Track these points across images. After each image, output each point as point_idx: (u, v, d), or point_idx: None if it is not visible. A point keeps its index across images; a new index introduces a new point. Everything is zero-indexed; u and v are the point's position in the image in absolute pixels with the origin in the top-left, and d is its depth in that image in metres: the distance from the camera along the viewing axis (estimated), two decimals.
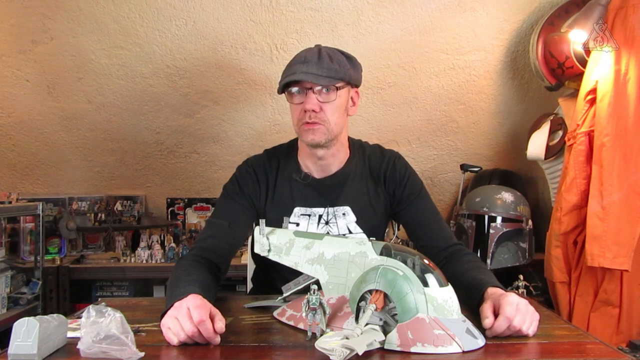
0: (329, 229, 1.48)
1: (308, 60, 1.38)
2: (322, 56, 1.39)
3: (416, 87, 2.53)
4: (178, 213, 2.95)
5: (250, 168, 1.54)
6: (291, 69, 1.40)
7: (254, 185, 1.51)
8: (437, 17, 2.29)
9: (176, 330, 1.03)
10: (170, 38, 2.29)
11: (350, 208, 1.49)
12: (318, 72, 1.37)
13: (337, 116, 1.43)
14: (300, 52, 1.43)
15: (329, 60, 1.39)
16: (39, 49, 2.29)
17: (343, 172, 1.51)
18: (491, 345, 1.01)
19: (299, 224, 1.49)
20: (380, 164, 1.55)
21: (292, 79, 1.37)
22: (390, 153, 1.58)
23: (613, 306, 1.99)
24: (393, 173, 1.53)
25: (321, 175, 1.52)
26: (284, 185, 1.52)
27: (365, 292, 1.02)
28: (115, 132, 2.64)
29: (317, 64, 1.37)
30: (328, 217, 1.49)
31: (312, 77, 1.36)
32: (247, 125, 2.65)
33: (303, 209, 1.50)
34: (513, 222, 2.36)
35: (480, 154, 2.82)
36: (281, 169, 1.53)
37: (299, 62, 1.39)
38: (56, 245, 2.74)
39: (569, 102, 2.29)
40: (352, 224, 1.50)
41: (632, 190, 1.89)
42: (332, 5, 2.22)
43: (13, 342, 0.92)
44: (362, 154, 1.56)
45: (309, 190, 1.51)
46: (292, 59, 1.44)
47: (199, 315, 1.01)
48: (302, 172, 1.52)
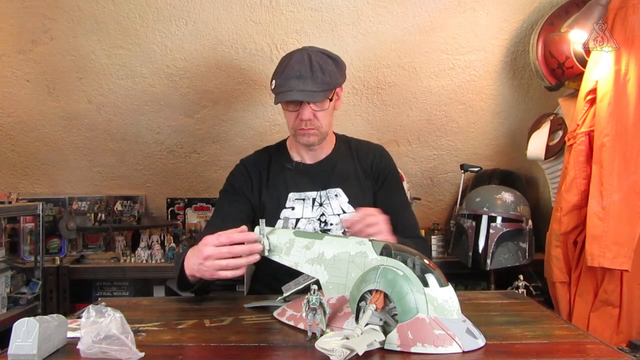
0: (324, 210, 1.58)
1: (302, 75, 1.47)
2: (314, 69, 1.48)
3: (416, 87, 2.53)
4: (178, 213, 2.95)
5: (242, 166, 1.66)
6: (286, 83, 1.48)
7: (246, 181, 1.61)
8: (437, 17, 2.29)
9: (220, 254, 1.16)
10: (170, 38, 2.29)
11: (341, 189, 1.60)
12: (314, 89, 1.47)
13: (328, 117, 1.57)
14: (291, 62, 1.50)
15: (321, 72, 1.48)
16: (39, 49, 2.29)
17: (332, 157, 1.65)
18: (491, 345, 1.01)
19: (294, 207, 1.58)
20: (367, 152, 1.68)
21: (291, 98, 1.48)
22: (376, 144, 1.74)
23: (613, 306, 1.99)
24: (380, 160, 1.67)
25: (312, 161, 1.65)
26: (277, 175, 1.62)
27: (365, 292, 1.02)
28: (115, 132, 2.64)
29: (312, 80, 1.47)
30: (321, 199, 1.59)
31: (309, 96, 1.47)
32: (247, 125, 2.65)
33: (297, 194, 1.59)
34: (513, 222, 2.36)
35: (480, 154, 2.82)
36: (273, 161, 1.65)
37: (293, 78, 1.47)
38: (56, 245, 2.74)
39: (569, 102, 2.29)
40: (345, 204, 1.59)
41: (632, 190, 1.89)
42: (332, 5, 2.22)
43: (13, 342, 0.92)
44: (347, 144, 1.71)
45: (301, 177, 1.62)
46: (284, 67, 1.51)
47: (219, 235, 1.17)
48: (294, 161, 1.65)
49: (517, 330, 1.13)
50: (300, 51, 1.53)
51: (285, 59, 1.55)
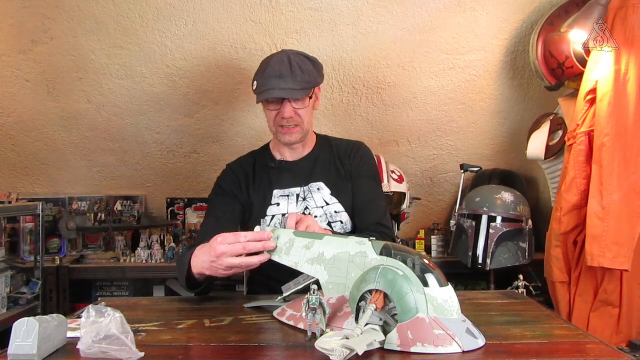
0: (307, 204, 1.63)
1: (283, 75, 1.54)
2: (293, 68, 1.55)
3: (416, 87, 2.53)
4: (178, 213, 2.95)
5: (229, 169, 1.73)
6: (268, 82, 1.55)
7: (233, 182, 1.67)
8: (437, 17, 2.29)
9: (234, 250, 1.17)
10: (170, 38, 2.29)
11: (323, 183, 1.66)
12: (294, 87, 1.54)
13: (309, 116, 1.64)
14: (271, 63, 1.58)
15: (300, 72, 1.56)
16: (39, 49, 2.29)
17: (313, 154, 1.71)
18: (491, 345, 1.01)
19: (280, 204, 1.63)
20: (346, 148, 1.74)
21: (273, 96, 1.55)
22: (355, 141, 1.78)
23: (613, 306, 1.99)
24: (356, 153, 1.72)
25: (294, 159, 1.70)
26: (262, 174, 1.69)
27: (365, 292, 1.02)
28: (115, 132, 2.64)
29: (292, 78, 1.54)
30: (305, 194, 1.64)
31: (290, 93, 1.54)
32: (247, 125, 2.65)
33: (281, 190, 1.65)
34: (513, 222, 2.35)
35: (480, 154, 2.82)
36: (257, 162, 1.72)
37: (274, 77, 1.55)
38: (56, 245, 2.74)
39: (569, 102, 2.29)
40: (328, 196, 1.64)
41: (632, 190, 1.89)
42: (332, 5, 2.22)
43: (13, 342, 0.92)
44: (328, 142, 1.76)
45: (285, 174, 1.68)
46: (265, 68, 1.59)
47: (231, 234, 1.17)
48: (277, 160, 1.70)
49: (517, 330, 1.12)
50: (279, 54, 1.62)
51: (266, 61, 1.62)
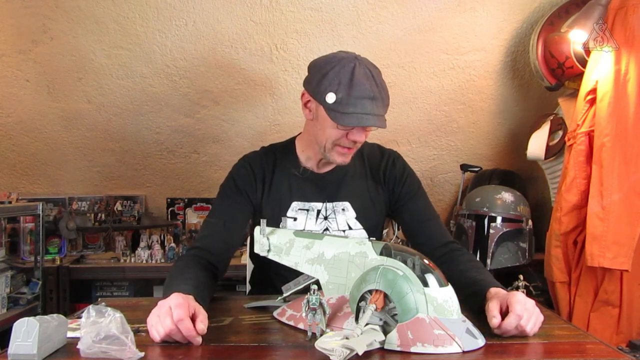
0: (328, 225, 1.47)
1: (375, 96, 1.31)
2: (379, 87, 1.34)
3: (416, 87, 2.53)
4: (178, 213, 2.95)
5: (246, 163, 1.52)
6: (361, 105, 1.30)
7: (250, 179, 1.49)
8: (437, 17, 2.28)
9: (157, 328, 1.03)
10: (170, 38, 2.29)
11: (349, 203, 1.49)
12: (383, 113, 1.34)
13: None
14: (357, 76, 1.31)
15: (385, 92, 1.36)
16: (39, 49, 2.29)
17: (342, 168, 1.49)
18: (491, 345, 1.01)
19: (297, 218, 1.47)
20: (379, 162, 1.55)
21: (368, 124, 1.32)
22: (389, 152, 1.59)
23: (613, 306, 1.99)
24: (392, 171, 1.53)
25: (321, 170, 1.51)
26: (281, 180, 1.50)
27: (365, 292, 1.02)
28: (115, 132, 2.63)
29: (382, 101, 1.33)
30: (327, 212, 1.48)
31: (382, 122, 1.33)
32: (247, 125, 2.65)
33: (301, 203, 1.48)
34: (513, 222, 2.35)
35: (480, 154, 2.82)
36: (278, 163, 1.52)
37: (367, 98, 1.30)
38: (56, 245, 2.74)
39: (569, 102, 2.29)
40: (352, 219, 1.48)
41: (632, 190, 1.89)
42: (332, 5, 2.22)
43: (13, 342, 0.92)
44: (360, 153, 1.55)
45: (308, 185, 1.49)
46: (349, 80, 1.31)
47: (178, 314, 1.01)
48: (301, 166, 1.51)
49: None
50: (353, 60, 1.34)
51: (343, 69, 1.32)
